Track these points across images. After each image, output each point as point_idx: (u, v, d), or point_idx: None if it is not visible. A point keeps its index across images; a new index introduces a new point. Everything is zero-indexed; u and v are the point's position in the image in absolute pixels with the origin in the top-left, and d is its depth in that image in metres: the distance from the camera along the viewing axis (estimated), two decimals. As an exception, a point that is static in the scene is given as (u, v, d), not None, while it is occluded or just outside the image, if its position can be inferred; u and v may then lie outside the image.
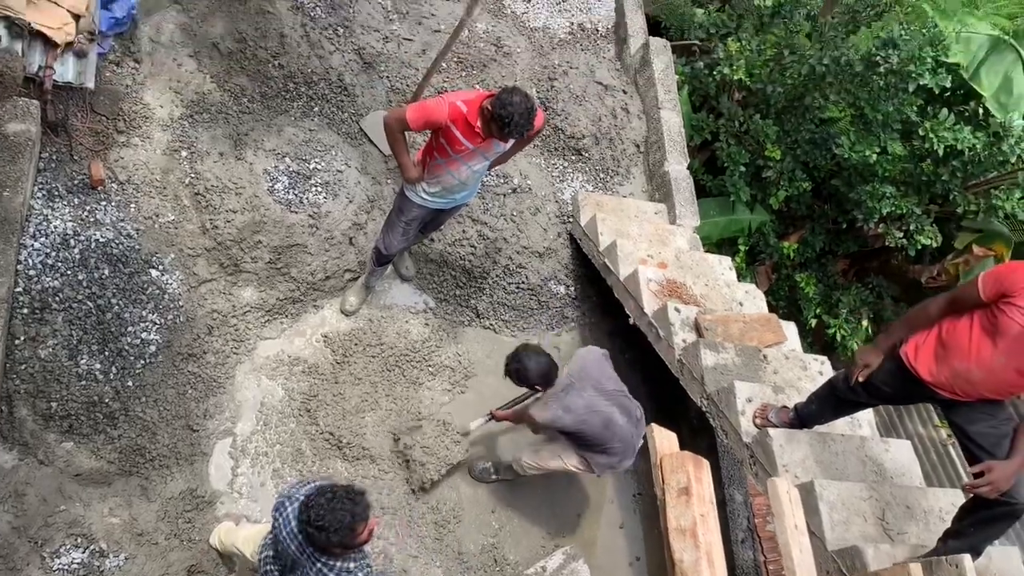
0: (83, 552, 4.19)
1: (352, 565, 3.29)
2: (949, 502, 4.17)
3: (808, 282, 8.87)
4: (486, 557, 5.10)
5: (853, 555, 3.64)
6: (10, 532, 4.09)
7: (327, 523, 3.04)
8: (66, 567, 4.13)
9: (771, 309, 5.72)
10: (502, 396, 5.53)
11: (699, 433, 5.76)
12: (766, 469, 4.17)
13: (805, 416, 4.21)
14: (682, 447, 5.80)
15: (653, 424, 2.55)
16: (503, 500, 5.25)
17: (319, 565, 3.26)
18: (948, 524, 4.02)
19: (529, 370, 4.32)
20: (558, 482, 5.42)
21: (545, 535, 5.32)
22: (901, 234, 7.94)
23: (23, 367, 4.34)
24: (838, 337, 8.73)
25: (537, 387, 4.42)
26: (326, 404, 5.04)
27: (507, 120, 3.97)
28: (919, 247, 7.89)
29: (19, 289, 4.42)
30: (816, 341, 9.52)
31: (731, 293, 5.43)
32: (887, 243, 8.14)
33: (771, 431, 4.21)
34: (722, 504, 5.41)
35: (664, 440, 2.55)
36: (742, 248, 8.86)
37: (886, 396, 3.86)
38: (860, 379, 3.72)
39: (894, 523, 3.95)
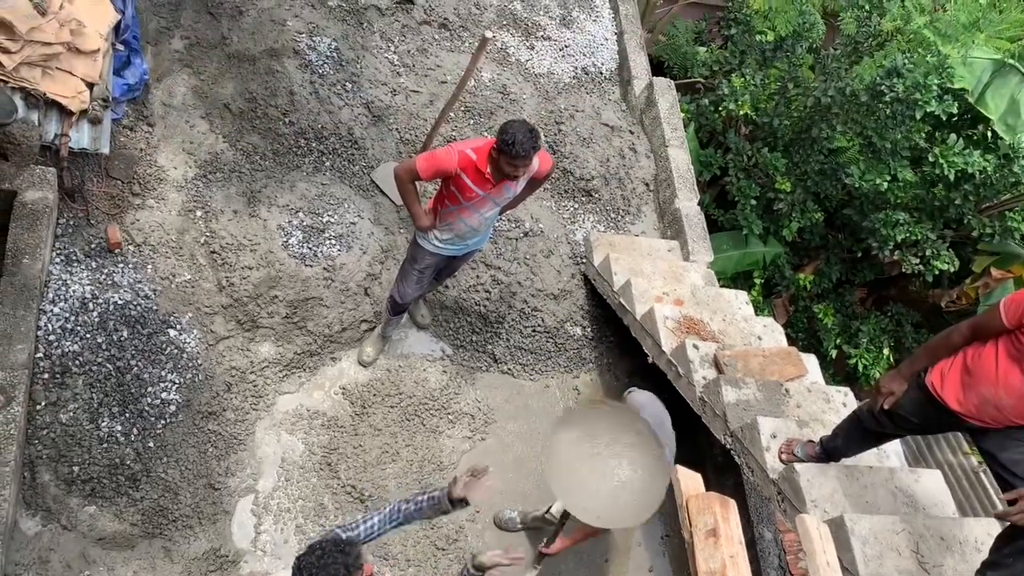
0: (108, 617, 4.16)
1: None
2: (984, 532, 4.07)
3: (826, 313, 8.82)
4: (514, 607, 5.01)
5: (889, 591, 3.56)
6: (35, 600, 4.07)
7: None
8: (91, 634, 4.10)
9: (790, 341, 5.69)
10: (524, 441, 5.52)
11: (724, 471, 5.68)
12: (794, 505, 4.10)
13: (831, 450, 4.15)
14: (707, 486, 5.73)
15: (678, 466, 2.52)
16: (527, 547, 5.18)
17: None
18: (985, 555, 3.93)
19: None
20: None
21: (573, 582, 5.23)
22: (917, 260, 7.89)
23: (45, 432, 4.35)
24: (859, 367, 8.66)
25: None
26: (346, 457, 5.02)
27: (511, 142, 3.95)
28: (936, 272, 7.84)
29: (39, 354, 4.45)
30: (838, 372, 9.44)
31: (749, 328, 5.40)
32: (904, 270, 8.09)
33: (798, 466, 4.15)
34: (751, 543, 5.31)
35: (689, 481, 2.51)
36: (758, 281, 8.84)
37: (914, 427, 3.80)
38: (885, 407, 3.67)
39: (929, 556, 3.86)
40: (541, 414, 5.67)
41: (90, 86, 4.86)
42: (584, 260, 6.03)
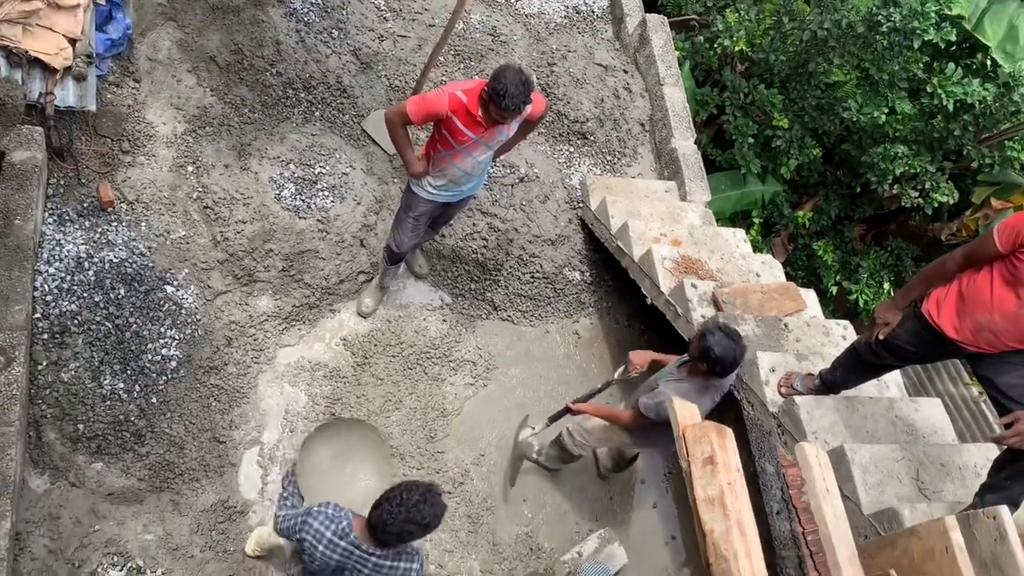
0: (120, 571, 4.22)
1: (401, 547, 3.29)
2: (984, 456, 4.11)
3: (826, 250, 8.80)
4: (521, 546, 5.09)
5: (890, 517, 3.60)
6: (47, 555, 4.12)
7: (430, 520, 3.13)
8: (105, 586, 4.16)
9: (790, 279, 5.67)
10: (526, 386, 5.55)
11: (724, 409, 5.71)
12: (795, 437, 4.14)
13: (830, 383, 4.17)
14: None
15: (674, 397, 2.53)
16: (534, 489, 5.24)
17: (374, 559, 3.26)
18: (984, 479, 3.97)
19: (709, 340, 3.77)
20: (587, 467, 5.40)
21: (579, 520, 5.31)
22: (916, 193, 7.84)
23: (47, 392, 4.37)
24: (860, 302, 8.66)
25: (705, 363, 3.86)
26: (350, 406, 5.05)
27: (502, 93, 3.90)
28: (936, 205, 7.79)
29: (37, 315, 4.45)
30: (838, 308, 9.44)
31: (747, 265, 5.38)
32: (903, 204, 8.04)
33: (797, 399, 4.18)
34: (753, 477, 5.35)
35: (685, 412, 2.52)
36: (756, 220, 8.80)
37: (911, 356, 3.81)
38: (881, 337, 3.67)
39: (929, 482, 3.91)
40: (542, 359, 5.69)
41: (72, 42, 4.76)
42: (581, 204, 5.99)
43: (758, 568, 2.31)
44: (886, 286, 8.81)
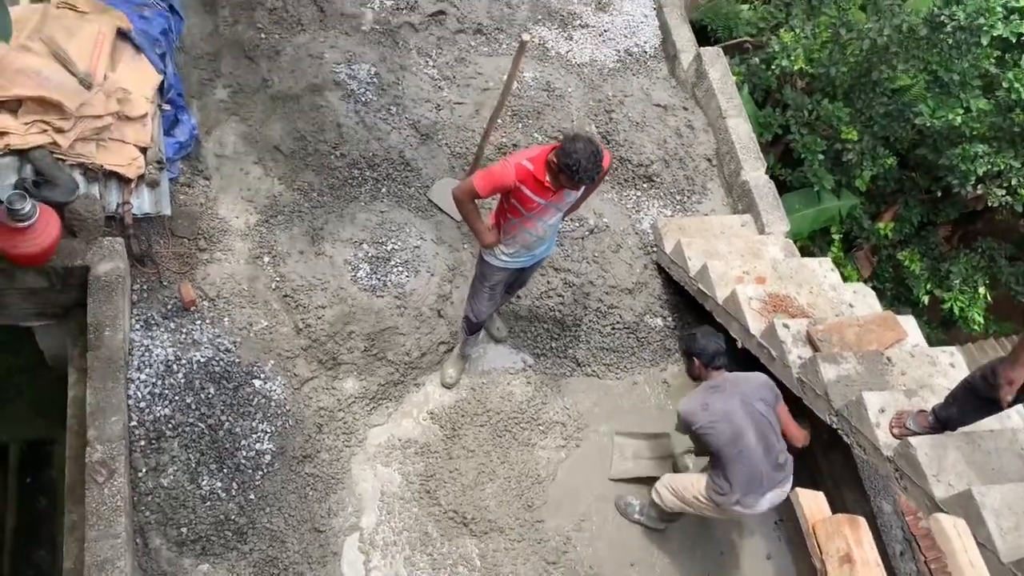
0: (236, 674, 4.20)
1: None
2: None
3: (912, 259, 8.45)
4: (633, 614, 4.93)
5: (1034, 566, 3.35)
6: (164, 665, 4.14)
7: None
8: None
9: (878, 293, 5.42)
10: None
11: (832, 448, 5.47)
12: (914, 481, 3.90)
13: (946, 420, 3.92)
14: (816, 464, 5.55)
15: (798, 488, 2.38)
16: (641, 551, 5.08)
17: None
18: None
19: (697, 339, 4.41)
20: (695, 523, 5.21)
21: (690, 579, 5.11)
22: (1004, 191, 7.49)
23: (149, 498, 4.43)
24: (955, 310, 8.27)
25: (695, 359, 4.44)
26: (444, 482, 4.99)
27: (575, 168, 3.91)
28: (1026, 201, 7.42)
29: (133, 423, 4.52)
30: (932, 318, 9.04)
31: (839, 296, 5.16)
32: (990, 203, 7.69)
33: (912, 440, 3.94)
34: (871, 517, 5.11)
35: (812, 504, 2.37)
36: (836, 237, 8.52)
37: None
38: (1009, 399, 3.42)
39: (1070, 519, 3.62)
40: (633, 412, 5.54)
41: (143, 151, 4.90)
42: (655, 248, 5.86)
43: None
44: (981, 290, 8.39)
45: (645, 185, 6.18)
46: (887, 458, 4.05)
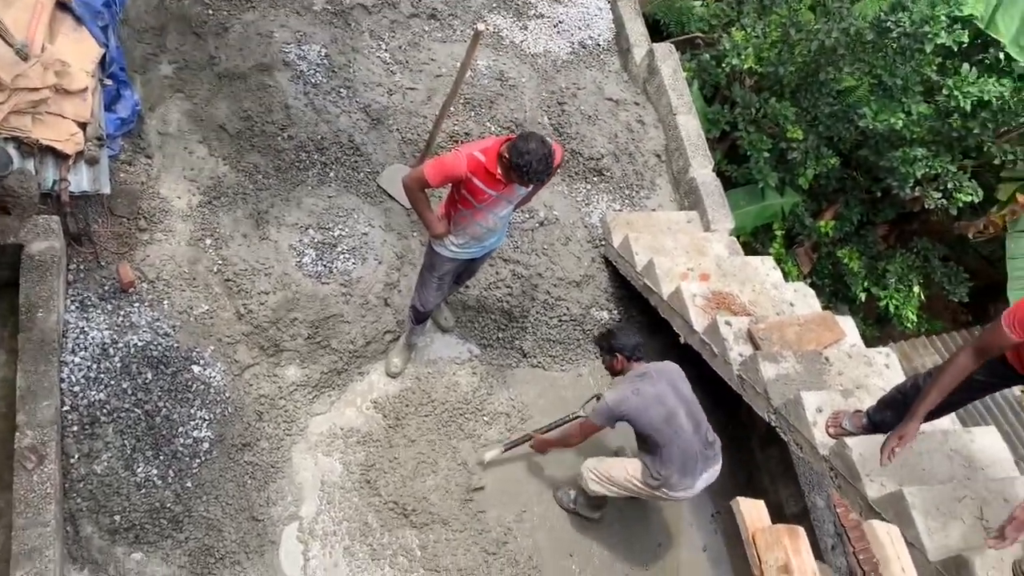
0: (169, 664, 4.13)
1: None
2: (1050, 487, 3.97)
3: (851, 257, 8.66)
4: (571, 602, 4.98)
5: (959, 565, 3.46)
6: (93, 656, 4.04)
7: None
8: None
9: (816, 290, 5.53)
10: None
11: (769, 443, 5.59)
12: (848, 481, 4.01)
13: (880, 423, 4.03)
14: (752, 460, 5.67)
15: (739, 498, 2.43)
16: (580, 542, 5.12)
17: None
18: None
19: (618, 335, 4.51)
20: (633, 514, 5.28)
21: (628, 570, 5.18)
22: (940, 195, 7.70)
23: (81, 485, 4.31)
24: (890, 308, 8.51)
25: (618, 355, 4.50)
26: (385, 472, 4.96)
27: (525, 169, 3.92)
28: (960, 205, 7.64)
29: (66, 407, 4.39)
30: (868, 316, 9.27)
31: (780, 295, 5.26)
32: (927, 206, 7.90)
33: (848, 440, 4.05)
34: (805, 512, 5.24)
35: (753, 512, 2.40)
36: (778, 233, 8.68)
37: (978, 388, 3.68)
38: (892, 458, 3.51)
39: (994, 520, 3.74)
40: (576, 403, 5.55)
41: (83, 126, 4.72)
42: (603, 242, 5.89)
43: None
44: (916, 289, 8.64)
45: (595, 179, 6.19)
46: (823, 457, 4.16)
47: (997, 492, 3.86)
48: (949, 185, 7.60)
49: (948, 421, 4.47)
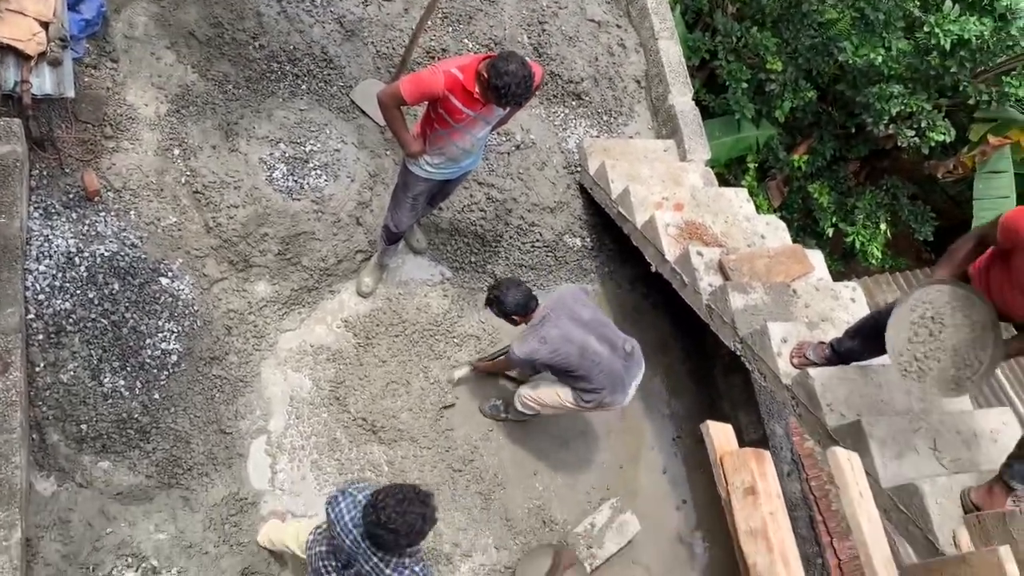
0: (135, 572, 4.19)
1: (408, 560, 3.27)
2: (999, 421, 4.10)
3: (821, 192, 8.73)
4: (534, 520, 5.10)
5: (911, 492, 3.58)
6: (61, 561, 4.08)
7: (398, 526, 3.05)
8: (121, 588, 4.14)
9: (786, 223, 5.57)
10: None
11: (732, 371, 5.70)
12: (810, 410, 4.11)
13: (845, 353, 4.11)
14: (715, 387, 5.78)
15: (709, 421, 2.47)
16: (544, 461, 5.23)
17: (375, 560, 3.26)
18: (1000, 444, 3.98)
19: (506, 300, 4.45)
20: (595, 436, 5.40)
21: (590, 490, 5.32)
22: (913, 133, 7.74)
23: (47, 393, 4.28)
24: (857, 244, 8.64)
25: (515, 316, 4.54)
26: (354, 389, 4.98)
27: (504, 91, 3.81)
28: (932, 144, 7.69)
29: (31, 316, 4.33)
30: (834, 251, 9.40)
31: (752, 227, 5.29)
32: (899, 143, 7.94)
33: (811, 371, 4.13)
34: (764, 440, 5.38)
35: (721, 435, 2.46)
36: (751, 166, 8.71)
37: None
38: None
39: (946, 450, 3.89)
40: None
41: (45, 26, 4.53)
42: (579, 169, 5.85)
43: None
44: (883, 227, 8.76)
45: (574, 103, 6.11)
46: (785, 386, 4.25)
47: (950, 425, 3.99)
48: (923, 124, 7.64)
49: (909, 356, 4.57)
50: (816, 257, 5.13)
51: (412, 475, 4.89)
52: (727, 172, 8.86)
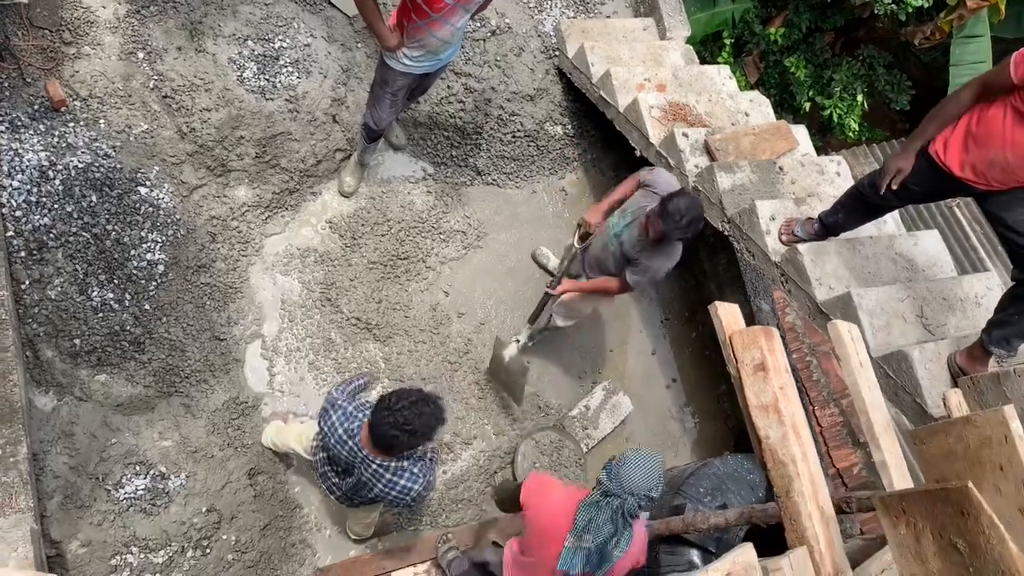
0: (145, 478, 4.26)
1: (406, 463, 3.35)
2: (983, 287, 4.20)
3: (798, 65, 8.61)
4: (529, 405, 5.22)
5: (899, 359, 3.69)
6: (69, 472, 4.14)
7: (416, 426, 3.10)
8: (132, 495, 4.22)
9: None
10: (518, 250, 5.50)
11: (717, 251, 5.75)
12: (799, 285, 4.17)
13: (831, 225, 4.15)
14: (701, 268, 5.84)
15: (717, 302, 2.49)
16: (536, 351, 5.31)
17: (374, 467, 3.32)
18: (984, 308, 4.07)
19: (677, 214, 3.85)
20: (585, 324, 5.46)
21: (582, 374, 5.43)
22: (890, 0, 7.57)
23: (36, 310, 4.24)
24: (834, 117, 8.59)
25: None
26: (345, 290, 4.99)
27: None
28: (910, 10, 7.55)
29: (10, 233, 4.24)
30: (812, 125, 9.34)
31: (736, 105, 5.23)
32: (876, 11, 7.79)
33: (800, 246, 4.17)
34: (751, 318, 5.48)
35: (729, 315, 2.48)
36: (727, 42, 8.54)
37: (917, 196, 3.78)
38: (894, 187, 3.61)
39: (933, 317, 3.99)
40: (531, 221, 5.61)
41: (-14, -76, 4.28)
42: (557, 52, 5.70)
43: (815, 470, 2.37)
44: (859, 98, 8.70)
45: (548, -18, 5.91)
46: (775, 263, 4.30)
47: (937, 292, 4.08)
48: (901, -12, 7.47)
49: (894, 225, 4.63)
50: (800, 132, 5.11)
51: (409, 370, 4.96)
52: (703, 50, 8.68)
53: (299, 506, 4.66)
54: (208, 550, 4.31)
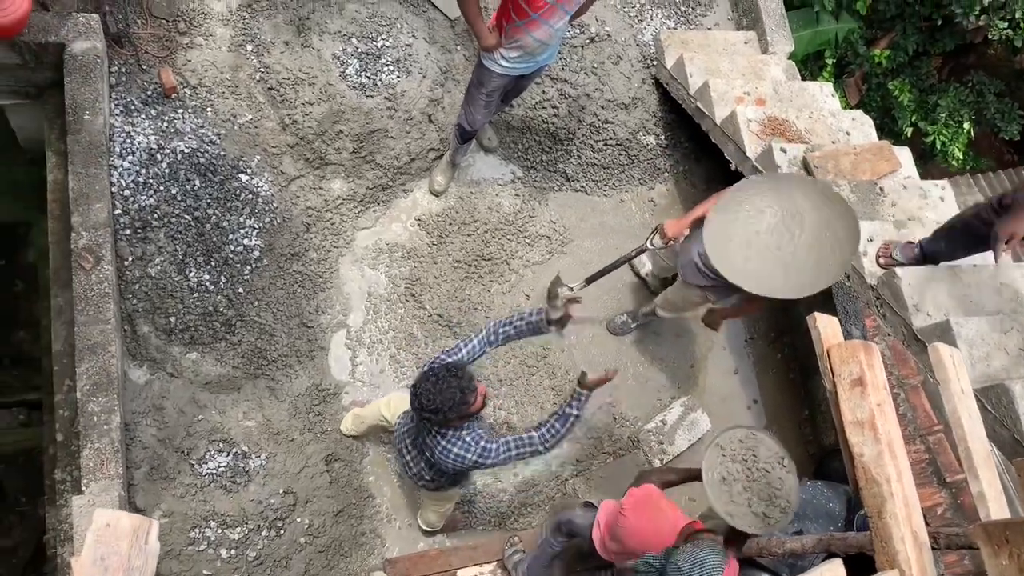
0: (227, 456, 4.38)
1: (463, 432, 3.47)
2: (1093, 324, 3.98)
3: (902, 89, 8.36)
4: (604, 416, 5.18)
5: (999, 393, 3.54)
6: (157, 444, 4.29)
7: (440, 403, 3.24)
8: (214, 471, 4.34)
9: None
10: (602, 258, 5.45)
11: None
12: (895, 311, 4.03)
13: (932, 253, 4.00)
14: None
15: (816, 313, 2.43)
16: (615, 361, 5.27)
17: (432, 433, 3.50)
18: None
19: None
20: (666, 336, 5.41)
21: (661, 388, 5.36)
22: (1006, 24, 7.30)
23: (136, 286, 4.41)
24: (937, 144, 8.30)
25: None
26: (429, 287, 5.05)
27: None
28: (1026, 35, 7.26)
29: (118, 211, 4.43)
30: (912, 151, 9.03)
31: (837, 123, 5.10)
32: (990, 36, 7.51)
33: (898, 270, 4.04)
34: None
35: (828, 328, 2.42)
36: (829, 62, 8.36)
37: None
38: (1007, 253, 3.44)
39: (1038, 352, 3.81)
40: (618, 230, 5.57)
41: (117, -82, 4.50)
42: (655, 63, 5.66)
43: (909, 491, 2.28)
44: (966, 125, 8.38)
45: (650, -8, 5.88)
46: (870, 286, 4.17)
47: (1043, 327, 3.89)
48: (1017, 14, 7.20)
49: (1002, 256, 4.43)
50: (904, 154, 4.95)
51: (486, 371, 4.98)
52: (803, 69, 8.51)
53: (372, 496, 4.73)
54: (282, 531, 4.40)
